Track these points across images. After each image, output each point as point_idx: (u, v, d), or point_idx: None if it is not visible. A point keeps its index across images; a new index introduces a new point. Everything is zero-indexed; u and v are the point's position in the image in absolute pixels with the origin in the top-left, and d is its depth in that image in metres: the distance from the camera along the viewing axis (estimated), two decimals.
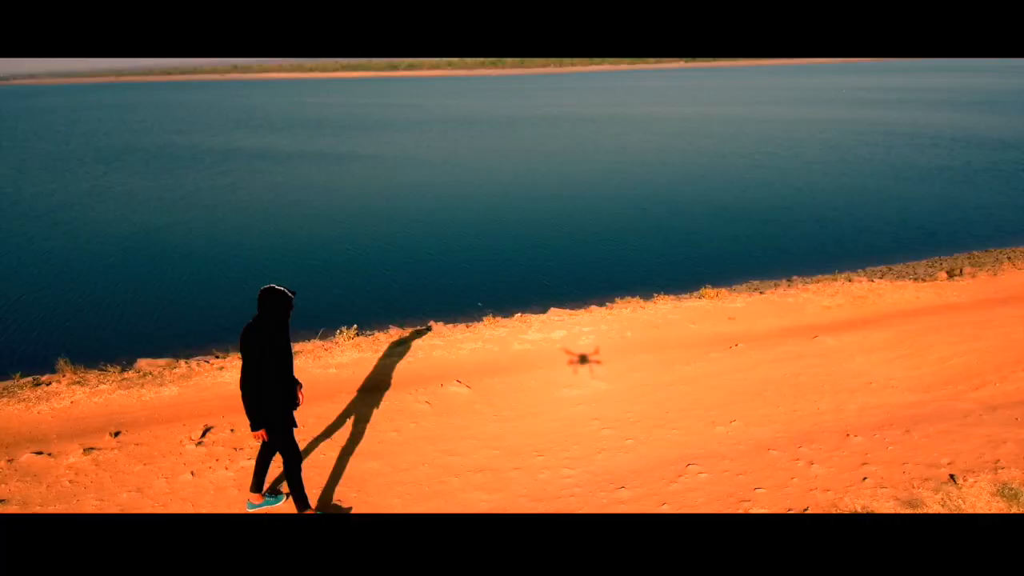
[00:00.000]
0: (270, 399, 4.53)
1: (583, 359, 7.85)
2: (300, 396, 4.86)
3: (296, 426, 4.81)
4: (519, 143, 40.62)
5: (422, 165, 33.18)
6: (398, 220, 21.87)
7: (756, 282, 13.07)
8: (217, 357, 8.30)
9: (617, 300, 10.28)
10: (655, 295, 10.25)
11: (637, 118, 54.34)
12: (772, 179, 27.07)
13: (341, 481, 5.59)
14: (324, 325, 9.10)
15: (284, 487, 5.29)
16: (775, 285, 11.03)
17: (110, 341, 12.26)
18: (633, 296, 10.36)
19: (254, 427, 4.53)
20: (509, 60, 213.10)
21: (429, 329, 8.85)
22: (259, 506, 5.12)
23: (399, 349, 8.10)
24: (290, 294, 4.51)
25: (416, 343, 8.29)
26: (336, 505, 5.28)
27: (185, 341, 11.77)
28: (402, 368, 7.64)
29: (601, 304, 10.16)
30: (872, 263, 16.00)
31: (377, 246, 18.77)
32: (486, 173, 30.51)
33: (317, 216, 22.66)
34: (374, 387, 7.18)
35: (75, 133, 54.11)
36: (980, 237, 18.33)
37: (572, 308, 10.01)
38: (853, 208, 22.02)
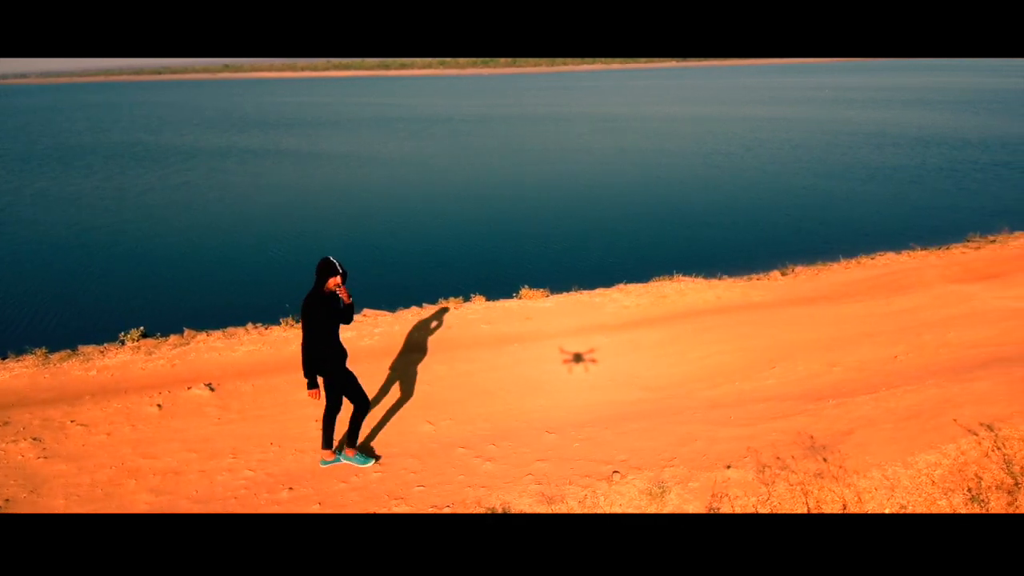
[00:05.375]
0: (333, 357, 5.41)
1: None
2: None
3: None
4: (479, 143, 40.67)
5: (362, 164, 33.25)
6: (288, 219, 21.76)
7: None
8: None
9: (441, 301, 10.38)
10: (473, 295, 10.36)
11: (613, 117, 54.17)
12: (721, 181, 26.83)
13: (22, 481, 5.71)
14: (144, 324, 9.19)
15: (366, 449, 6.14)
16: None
17: None
18: (457, 297, 10.46)
19: (310, 386, 5.41)
20: (501, 59, 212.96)
21: (220, 331, 8.95)
22: (331, 462, 5.83)
23: (174, 352, 8.23)
24: (340, 268, 5.28)
25: (196, 345, 8.41)
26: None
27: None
28: (160, 371, 7.77)
29: (420, 305, 10.26)
30: (803, 263, 15.74)
31: (236, 244, 18.68)
32: (420, 173, 30.50)
33: (213, 214, 22.63)
34: (120, 390, 7.30)
35: (47, 132, 54.12)
36: (915, 237, 18.02)
37: (388, 310, 10.13)
38: (794, 209, 21.61)
